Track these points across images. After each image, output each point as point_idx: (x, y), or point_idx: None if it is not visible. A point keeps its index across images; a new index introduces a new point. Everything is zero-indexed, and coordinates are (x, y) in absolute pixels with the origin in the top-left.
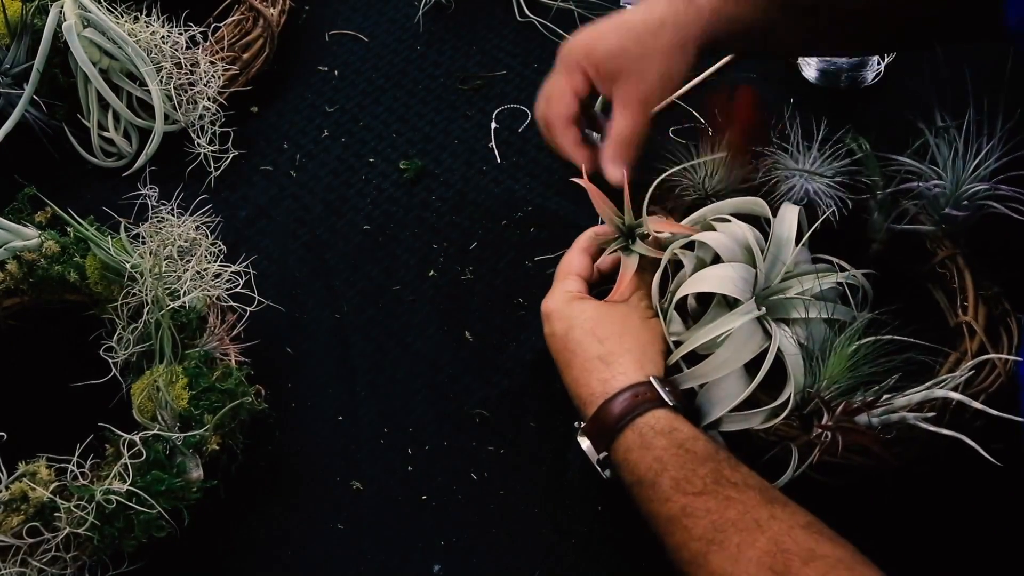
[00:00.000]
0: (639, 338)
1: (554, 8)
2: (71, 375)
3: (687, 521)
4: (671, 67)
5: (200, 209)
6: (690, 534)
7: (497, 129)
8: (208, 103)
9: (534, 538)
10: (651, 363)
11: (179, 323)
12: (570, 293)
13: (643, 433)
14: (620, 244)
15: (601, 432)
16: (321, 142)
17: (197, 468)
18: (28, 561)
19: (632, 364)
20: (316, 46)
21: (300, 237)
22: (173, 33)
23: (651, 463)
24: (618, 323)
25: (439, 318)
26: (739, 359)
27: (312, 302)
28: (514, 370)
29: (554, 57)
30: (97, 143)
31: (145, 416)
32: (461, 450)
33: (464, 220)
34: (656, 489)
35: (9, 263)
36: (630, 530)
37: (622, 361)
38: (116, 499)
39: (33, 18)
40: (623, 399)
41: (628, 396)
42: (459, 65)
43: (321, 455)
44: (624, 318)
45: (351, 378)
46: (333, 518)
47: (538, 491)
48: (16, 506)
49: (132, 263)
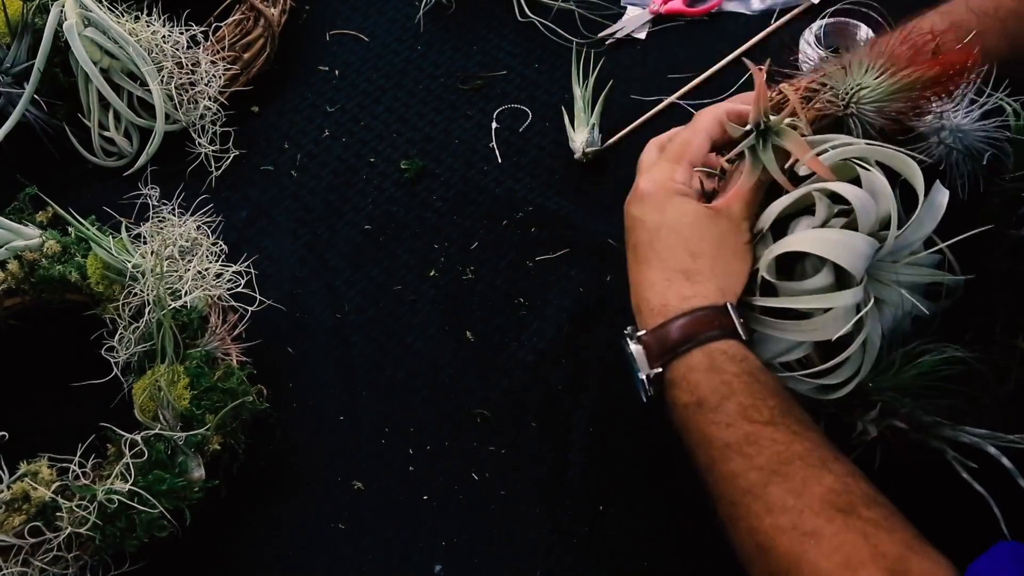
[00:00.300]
0: (729, 266)
1: (554, 8)
2: (72, 375)
3: (750, 449)
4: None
5: (201, 209)
6: (752, 462)
7: (498, 129)
8: (209, 103)
9: (535, 538)
10: (732, 293)
11: (180, 323)
12: (675, 183)
13: (713, 356)
14: (750, 143)
15: (662, 346)
16: (322, 142)
17: (199, 468)
18: (30, 561)
19: (715, 289)
20: (317, 46)
21: (301, 237)
22: (174, 33)
23: (717, 386)
24: (714, 241)
25: (440, 318)
26: (827, 334)
27: (313, 302)
28: (514, 370)
29: (554, 56)
30: (98, 143)
31: (147, 416)
32: (462, 450)
33: (465, 220)
34: (720, 412)
35: (10, 263)
36: (630, 530)
37: (707, 284)
38: (118, 499)
39: (34, 17)
40: (697, 319)
41: (703, 317)
42: (459, 65)
43: (322, 455)
44: (722, 237)
45: (352, 378)
46: (334, 518)
47: (539, 491)
48: (18, 506)
49: (133, 263)
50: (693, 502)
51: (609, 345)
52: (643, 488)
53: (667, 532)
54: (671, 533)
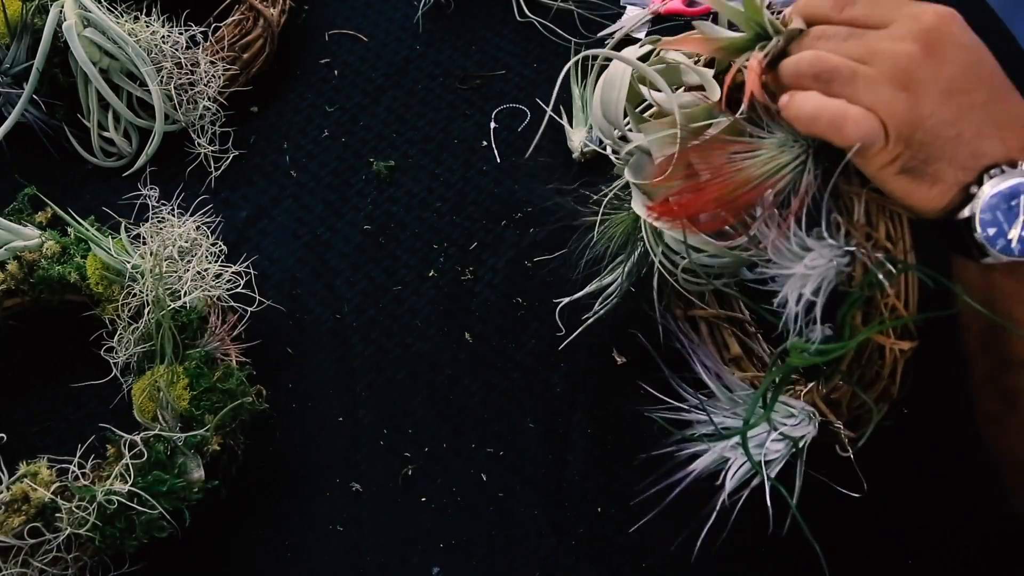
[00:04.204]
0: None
1: (554, 8)
2: (72, 375)
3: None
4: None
5: (200, 209)
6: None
7: (497, 129)
8: (208, 103)
9: (533, 540)
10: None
11: (180, 323)
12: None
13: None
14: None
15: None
16: (321, 142)
17: (198, 468)
18: (29, 562)
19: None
20: (316, 46)
21: (300, 237)
22: (173, 33)
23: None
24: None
25: (439, 319)
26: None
27: (312, 302)
28: (513, 371)
29: (553, 56)
30: (97, 143)
31: (146, 416)
32: (460, 452)
33: (464, 220)
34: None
35: (10, 263)
36: (630, 531)
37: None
38: (117, 500)
39: (33, 17)
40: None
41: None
42: (458, 65)
43: (321, 456)
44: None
45: (351, 379)
46: (332, 519)
47: (537, 493)
48: (17, 507)
49: (133, 263)
50: (693, 502)
51: (609, 345)
52: (643, 488)
53: (666, 533)
54: (670, 534)
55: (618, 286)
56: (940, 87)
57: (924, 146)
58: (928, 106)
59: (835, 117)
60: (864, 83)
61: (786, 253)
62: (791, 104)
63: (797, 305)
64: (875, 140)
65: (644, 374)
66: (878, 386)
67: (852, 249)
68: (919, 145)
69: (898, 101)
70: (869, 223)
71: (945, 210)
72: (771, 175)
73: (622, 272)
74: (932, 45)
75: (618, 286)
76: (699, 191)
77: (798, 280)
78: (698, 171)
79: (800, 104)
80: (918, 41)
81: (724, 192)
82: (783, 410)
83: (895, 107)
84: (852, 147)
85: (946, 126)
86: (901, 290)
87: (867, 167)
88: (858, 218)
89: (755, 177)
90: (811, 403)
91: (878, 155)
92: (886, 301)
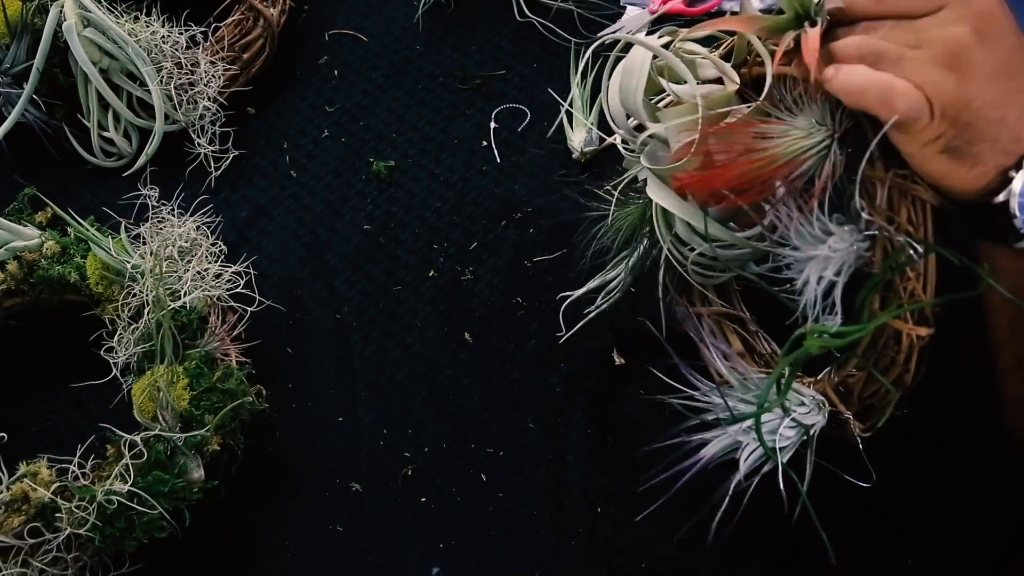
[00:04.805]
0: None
1: (554, 8)
2: (72, 375)
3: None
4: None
5: (200, 209)
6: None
7: (497, 129)
8: (208, 103)
9: (533, 540)
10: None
11: (180, 323)
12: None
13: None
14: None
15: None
16: (321, 142)
17: (198, 468)
18: (29, 562)
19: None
20: (316, 46)
21: (300, 237)
22: (173, 33)
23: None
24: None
25: (439, 319)
26: None
27: (312, 302)
28: (513, 371)
29: (553, 56)
30: (97, 143)
31: (146, 416)
32: (460, 452)
33: (464, 220)
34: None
35: (9, 263)
36: (629, 531)
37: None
38: (117, 500)
39: (33, 17)
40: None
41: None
42: (458, 65)
43: (321, 456)
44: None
45: (351, 379)
46: (332, 519)
47: (537, 493)
48: (17, 507)
49: (133, 263)
50: (693, 502)
51: (609, 346)
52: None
53: (666, 533)
54: (670, 534)
55: (620, 281)
56: (988, 71)
57: (968, 127)
58: (975, 88)
59: (884, 88)
60: (911, 64)
61: (807, 236)
62: (838, 76)
63: (818, 286)
64: (921, 114)
65: (644, 374)
66: (893, 372)
67: (874, 233)
68: (963, 125)
69: (946, 81)
70: (891, 208)
71: (981, 192)
72: (796, 156)
73: (626, 267)
74: (982, 29)
75: (620, 281)
76: (725, 167)
77: (819, 263)
78: (716, 159)
79: (848, 75)
80: (968, 24)
81: (749, 168)
82: (794, 398)
83: (943, 87)
84: (891, 121)
85: (992, 108)
86: (921, 274)
87: (910, 144)
88: (880, 203)
89: (780, 156)
90: (821, 392)
91: (922, 132)
92: (906, 285)
